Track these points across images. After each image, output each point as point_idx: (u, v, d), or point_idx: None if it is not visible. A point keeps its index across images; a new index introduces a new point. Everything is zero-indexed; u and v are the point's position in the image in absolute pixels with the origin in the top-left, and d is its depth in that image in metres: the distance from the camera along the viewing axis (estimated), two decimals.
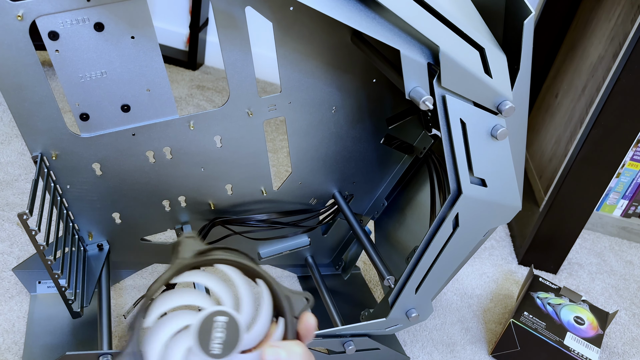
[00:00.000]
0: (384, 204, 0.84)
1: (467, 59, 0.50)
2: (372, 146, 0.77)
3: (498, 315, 0.92)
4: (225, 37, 0.59)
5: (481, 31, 0.53)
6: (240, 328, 0.31)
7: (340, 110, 0.71)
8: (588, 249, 1.14)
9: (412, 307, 0.68)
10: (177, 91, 1.40)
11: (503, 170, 0.57)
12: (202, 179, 0.70)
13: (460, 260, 0.64)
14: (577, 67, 1.15)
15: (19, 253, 0.83)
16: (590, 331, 0.81)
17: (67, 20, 0.54)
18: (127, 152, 0.65)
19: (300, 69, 0.65)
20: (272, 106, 0.67)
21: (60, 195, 0.65)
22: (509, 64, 0.54)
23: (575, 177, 0.96)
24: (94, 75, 0.58)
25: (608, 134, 0.90)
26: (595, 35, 1.09)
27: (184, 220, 0.74)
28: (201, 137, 0.67)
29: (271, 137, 1.26)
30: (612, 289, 1.04)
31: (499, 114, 0.53)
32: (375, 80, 0.70)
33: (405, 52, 0.49)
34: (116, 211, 0.70)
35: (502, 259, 1.06)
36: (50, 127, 0.60)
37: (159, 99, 0.62)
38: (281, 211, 0.78)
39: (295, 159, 0.74)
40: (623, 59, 0.86)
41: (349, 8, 0.48)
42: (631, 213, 1.18)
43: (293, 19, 0.61)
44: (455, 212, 0.58)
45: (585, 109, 1.05)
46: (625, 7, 0.98)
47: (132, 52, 0.58)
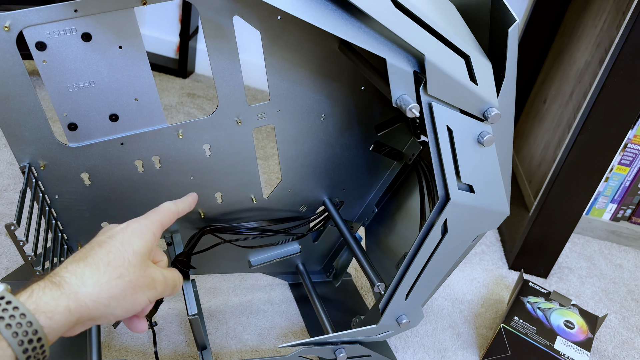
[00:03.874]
0: (374, 210, 0.84)
1: (452, 67, 0.51)
2: (362, 153, 0.77)
3: (489, 320, 0.93)
4: (213, 46, 0.60)
5: (466, 39, 0.54)
6: None
7: (329, 117, 0.72)
8: (578, 253, 1.15)
9: (402, 313, 0.68)
10: (168, 99, 1.40)
11: (490, 176, 0.58)
12: (191, 188, 0.70)
13: (449, 266, 0.65)
14: (564, 73, 1.17)
15: (7, 264, 0.83)
16: (580, 335, 0.82)
17: (55, 31, 0.54)
18: (115, 161, 0.65)
19: (288, 78, 0.66)
20: (261, 114, 0.67)
21: (49, 205, 0.65)
22: (495, 71, 0.55)
23: (563, 181, 0.97)
24: (81, 85, 0.58)
25: (595, 139, 0.91)
26: (582, 42, 1.11)
27: (174, 229, 0.74)
28: (190, 146, 0.67)
29: (262, 145, 1.26)
30: (602, 293, 1.05)
31: (485, 121, 0.54)
32: (364, 88, 0.71)
33: (391, 60, 0.50)
34: (105, 220, 0.70)
35: (493, 264, 1.07)
36: (38, 137, 0.60)
37: (147, 108, 0.62)
38: (271, 219, 0.78)
39: (284, 166, 0.74)
40: (608, 64, 0.87)
41: (335, 17, 0.48)
42: (620, 217, 1.19)
43: (281, 28, 0.61)
44: (444, 218, 0.58)
45: (573, 114, 1.06)
46: (610, 14, 1.00)
47: (120, 61, 0.58)
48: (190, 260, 0.69)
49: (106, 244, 0.45)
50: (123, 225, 0.48)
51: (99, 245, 0.45)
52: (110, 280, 0.42)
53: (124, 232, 0.47)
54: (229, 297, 0.87)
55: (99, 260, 0.43)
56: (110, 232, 0.47)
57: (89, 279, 0.41)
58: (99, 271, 0.42)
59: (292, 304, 0.88)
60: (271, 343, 0.81)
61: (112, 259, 0.44)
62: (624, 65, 0.84)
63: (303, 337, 0.83)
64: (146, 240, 0.47)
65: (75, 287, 0.40)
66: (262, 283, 0.90)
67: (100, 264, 0.43)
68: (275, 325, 0.84)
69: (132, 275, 0.44)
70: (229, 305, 0.85)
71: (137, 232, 0.47)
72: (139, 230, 0.48)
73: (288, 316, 0.86)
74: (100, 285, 0.42)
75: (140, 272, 0.45)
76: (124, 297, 0.44)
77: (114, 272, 0.43)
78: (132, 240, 0.46)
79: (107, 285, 0.42)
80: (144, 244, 0.47)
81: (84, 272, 0.42)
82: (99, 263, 0.43)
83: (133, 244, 0.46)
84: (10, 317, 0.36)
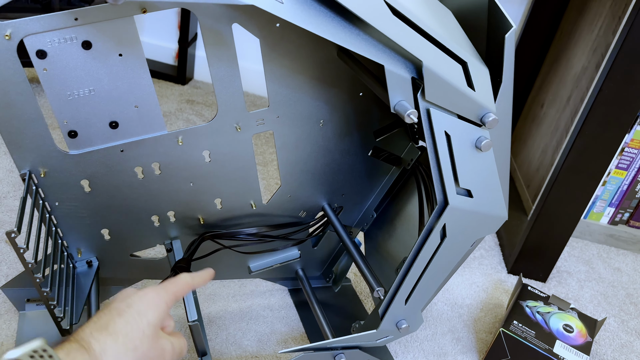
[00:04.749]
0: (374, 215, 0.84)
1: (450, 73, 0.51)
2: (361, 158, 0.78)
3: (488, 324, 0.93)
4: (213, 53, 0.60)
5: (464, 46, 0.54)
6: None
7: (328, 123, 0.72)
8: (576, 257, 1.16)
9: (402, 318, 0.68)
10: (167, 106, 1.41)
11: (488, 180, 0.58)
12: (191, 194, 0.71)
13: (448, 271, 0.65)
14: (561, 78, 1.17)
15: (7, 271, 0.83)
16: (579, 339, 0.82)
17: (55, 39, 0.55)
18: (115, 168, 0.65)
19: (287, 84, 0.66)
20: (260, 120, 0.68)
21: (49, 213, 0.65)
22: (492, 77, 0.55)
23: (561, 186, 0.97)
24: (82, 92, 0.59)
25: (592, 143, 0.92)
26: (579, 47, 1.12)
27: (174, 235, 0.74)
28: (190, 152, 0.67)
29: (261, 151, 1.26)
30: (600, 297, 1.05)
31: (483, 126, 0.54)
32: (362, 94, 0.71)
33: (389, 67, 0.50)
34: (105, 227, 0.70)
35: (492, 269, 1.07)
36: (39, 144, 0.60)
37: (147, 115, 0.63)
38: (271, 224, 0.78)
39: (284, 172, 0.74)
40: (605, 69, 0.87)
41: (334, 25, 0.49)
42: (618, 220, 1.20)
43: (280, 35, 0.61)
44: (443, 222, 0.58)
45: (570, 118, 1.07)
46: (606, 19, 1.01)
47: (120, 69, 0.59)
48: (190, 266, 0.69)
49: (125, 314, 0.49)
50: (141, 293, 0.52)
51: (119, 314, 0.48)
52: (127, 352, 0.47)
53: (141, 302, 0.50)
54: (229, 303, 0.87)
55: (118, 330, 0.47)
56: (129, 300, 0.50)
57: (109, 349, 0.46)
58: (117, 342, 0.46)
59: (292, 310, 0.88)
60: (271, 349, 0.81)
61: (129, 330, 0.48)
62: (621, 69, 0.85)
63: (303, 342, 0.83)
64: (160, 312, 0.51)
65: (99, 355, 0.45)
66: (261, 289, 0.91)
67: (119, 335, 0.47)
68: (275, 331, 0.84)
69: (145, 346, 0.48)
70: (229, 311, 0.85)
71: (152, 303, 0.51)
72: (154, 302, 0.51)
73: (288, 322, 0.86)
74: (118, 355, 0.46)
75: (152, 344, 0.49)
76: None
77: (130, 344, 0.47)
78: (148, 311, 0.50)
79: (124, 356, 0.46)
80: (158, 315, 0.50)
81: (106, 341, 0.46)
82: (118, 334, 0.47)
83: (148, 315, 0.50)
84: None
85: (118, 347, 0.46)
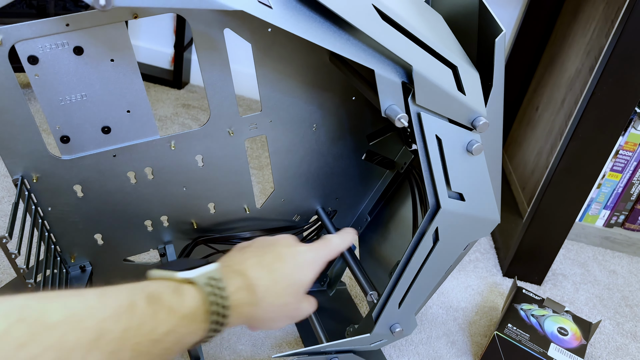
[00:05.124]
0: (367, 219, 0.84)
1: (440, 77, 0.51)
2: (354, 162, 0.78)
3: (483, 327, 0.93)
4: (205, 58, 0.60)
5: (454, 50, 0.54)
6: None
7: (321, 127, 0.72)
8: (572, 260, 1.16)
9: (396, 321, 0.68)
10: (163, 110, 1.41)
11: (480, 184, 0.58)
12: (184, 199, 0.71)
13: (441, 274, 0.65)
14: (556, 81, 1.18)
15: (1, 277, 0.83)
16: (574, 342, 0.82)
17: (47, 45, 0.55)
18: (108, 173, 0.65)
19: (280, 89, 0.66)
20: (253, 125, 0.68)
21: (42, 218, 0.65)
22: (483, 81, 0.55)
23: (556, 188, 0.97)
24: (74, 98, 0.59)
25: (587, 146, 0.92)
26: (573, 50, 1.12)
27: (167, 239, 0.74)
28: (183, 157, 0.67)
29: (256, 155, 1.27)
30: (596, 299, 1.05)
31: (474, 130, 0.55)
32: (355, 98, 0.71)
33: (379, 71, 0.50)
34: (98, 232, 0.70)
35: (487, 271, 1.07)
36: (31, 149, 0.60)
37: (139, 120, 0.63)
38: (265, 229, 0.78)
39: (277, 176, 0.74)
40: (598, 72, 0.88)
41: (323, 30, 0.49)
42: (613, 223, 1.20)
43: (271, 40, 0.62)
44: (435, 226, 0.58)
45: (565, 121, 1.07)
46: (599, 22, 1.01)
47: (111, 74, 0.59)
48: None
49: (287, 262, 0.50)
50: (303, 249, 0.52)
51: (281, 259, 0.49)
52: (278, 297, 0.48)
53: (303, 258, 0.51)
54: None
55: (279, 277, 0.48)
56: (293, 249, 0.51)
57: (269, 290, 0.47)
58: (276, 286, 0.48)
59: None
60: (265, 353, 0.81)
61: (289, 283, 0.49)
62: (614, 72, 0.85)
63: (297, 347, 0.83)
64: (314, 274, 0.52)
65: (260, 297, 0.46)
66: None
67: (278, 279, 0.48)
68: (269, 335, 0.84)
69: (292, 299, 0.50)
70: None
71: (311, 263, 0.52)
72: (313, 263, 0.52)
73: None
74: (274, 300, 0.48)
75: (297, 300, 0.50)
76: (282, 307, 0.49)
77: (283, 292, 0.48)
78: (306, 270, 0.51)
79: (276, 299, 0.48)
80: (312, 277, 0.51)
81: (267, 285, 0.47)
82: (277, 279, 0.48)
83: (305, 273, 0.51)
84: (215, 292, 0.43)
85: (276, 289, 0.47)
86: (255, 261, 0.48)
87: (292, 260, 0.50)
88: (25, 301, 0.33)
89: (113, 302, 0.37)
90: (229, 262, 0.48)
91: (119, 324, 0.36)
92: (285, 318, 0.51)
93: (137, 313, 0.37)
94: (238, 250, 0.51)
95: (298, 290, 0.50)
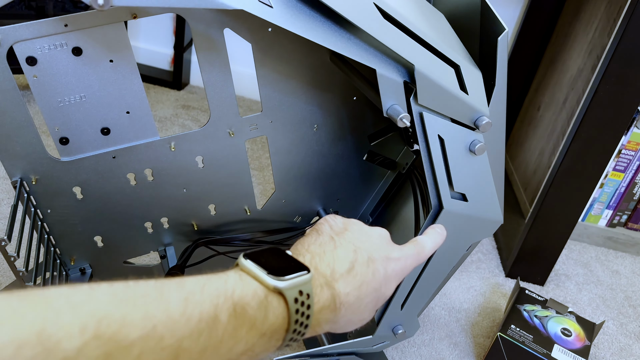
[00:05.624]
0: (369, 220, 0.84)
1: (442, 77, 0.51)
2: (355, 163, 0.77)
3: (486, 329, 0.92)
4: (205, 58, 0.60)
5: (456, 49, 0.54)
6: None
7: (322, 128, 0.72)
8: (574, 260, 1.15)
9: (398, 323, 0.67)
10: (163, 111, 1.40)
11: (483, 184, 0.58)
12: (184, 200, 0.70)
13: (444, 275, 0.64)
14: (557, 80, 1.17)
15: (0, 279, 0.82)
16: (577, 342, 0.81)
17: (45, 46, 0.54)
18: (107, 175, 0.64)
19: (280, 89, 0.66)
20: (254, 126, 0.67)
21: (41, 220, 0.65)
22: (486, 81, 0.55)
23: (558, 188, 0.97)
24: (72, 99, 0.58)
25: (589, 145, 0.92)
26: (575, 49, 1.11)
27: (167, 241, 0.74)
28: (183, 158, 0.67)
29: (257, 156, 1.26)
30: (599, 300, 1.05)
31: (477, 130, 0.54)
32: (356, 98, 0.71)
33: (381, 71, 0.50)
34: (98, 234, 0.70)
35: (490, 272, 1.06)
36: (30, 151, 0.60)
37: (139, 121, 0.62)
38: (265, 230, 0.77)
39: (278, 177, 0.74)
40: (600, 71, 0.87)
41: (325, 29, 0.48)
42: (616, 223, 1.19)
43: (272, 40, 0.61)
44: None
45: (567, 121, 1.06)
46: (601, 21, 1.00)
47: (111, 75, 0.58)
48: (183, 273, 0.68)
49: (376, 276, 0.44)
50: (397, 254, 0.47)
51: (371, 271, 0.44)
52: (359, 301, 0.43)
53: (395, 264, 0.46)
54: None
55: (364, 294, 0.43)
56: (385, 253, 0.46)
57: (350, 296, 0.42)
58: (357, 304, 0.43)
59: None
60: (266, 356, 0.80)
61: (372, 300, 0.44)
62: (616, 71, 0.85)
63: (299, 349, 0.82)
64: (398, 282, 0.48)
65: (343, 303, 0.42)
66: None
67: (364, 296, 0.43)
68: None
69: (370, 315, 0.45)
70: None
71: (400, 274, 0.47)
72: (402, 273, 0.47)
73: None
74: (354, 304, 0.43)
75: (374, 313, 0.46)
76: (355, 323, 0.45)
77: (366, 307, 0.44)
78: (393, 282, 0.46)
79: (358, 304, 0.43)
80: (395, 286, 0.47)
81: (350, 292, 0.42)
82: (363, 296, 0.43)
83: (390, 288, 0.46)
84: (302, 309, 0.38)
85: (359, 305, 0.43)
86: (346, 268, 0.42)
87: (382, 271, 0.45)
88: (107, 307, 0.30)
89: (197, 314, 0.33)
90: (320, 262, 0.43)
91: (198, 343, 0.32)
92: (351, 328, 0.46)
93: (219, 330, 0.33)
94: (330, 239, 0.45)
95: (378, 304, 0.46)
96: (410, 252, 0.49)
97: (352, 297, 0.42)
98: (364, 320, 0.45)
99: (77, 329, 0.28)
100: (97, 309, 0.29)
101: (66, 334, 0.27)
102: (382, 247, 0.46)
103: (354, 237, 0.46)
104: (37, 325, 0.27)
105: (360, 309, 0.43)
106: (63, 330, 0.27)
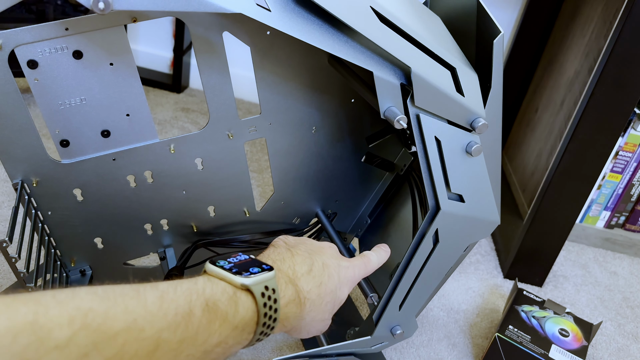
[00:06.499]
0: (367, 221, 0.84)
1: (438, 79, 0.51)
2: (354, 165, 0.78)
3: (484, 329, 0.93)
4: (204, 61, 0.60)
5: (452, 51, 0.55)
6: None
7: (321, 130, 0.72)
8: (572, 261, 1.15)
9: (396, 324, 0.68)
10: (162, 114, 1.41)
11: (479, 185, 0.58)
12: (184, 202, 0.71)
13: (442, 276, 0.65)
14: (555, 82, 1.18)
15: (1, 281, 0.83)
16: (575, 343, 0.82)
17: (46, 49, 0.55)
18: (108, 177, 0.65)
19: (279, 91, 0.66)
20: (253, 128, 0.68)
21: (42, 222, 0.65)
22: (482, 83, 0.55)
23: (556, 189, 0.97)
24: (73, 102, 0.59)
25: (586, 147, 0.92)
26: (572, 51, 1.12)
27: (167, 243, 0.74)
28: (182, 160, 0.67)
29: (256, 158, 1.27)
30: (597, 300, 1.05)
31: (473, 131, 0.55)
32: (354, 100, 0.71)
33: (378, 73, 0.50)
34: (98, 236, 0.70)
35: (488, 273, 1.07)
36: (31, 154, 0.60)
37: (138, 123, 0.63)
38: (264, 231, 0.78)
39: (277, 179, 0.74)
40: (597, 73, 0.88)
41: (322, 32, 0.49)
42: (614, 224, 1.20)
43: (270, 42, 0.62)
44: (435, 228, 0.58)
45: (564, 122, 1.07)
46: (598, 23, 1.01)
47: (111, 78, 0.59)
48: (183, 274, 0.69)
49: (332, 279, 0.51)
50: (346, 264, 0.54)
51: (327, 274, 0.50)
52: (319, 307, 0.49)
53: (345, 274, 0.53)
54: None
55: (324, 293, 0.49)
56: (335, 262, 0.52)
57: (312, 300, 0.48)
58: (320, 297, 0.49)
59: None
60: (265, 356, 0.80)
61: (330, 300, 0.50)
62: (612, 73, 0.85)
63: (298, 350, 0.83)
64: (349, 290, 0.54)
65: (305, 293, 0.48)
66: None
67: (322, 294, 0.49)
68: (269, 338, 0.83)
69: (329, 316, 0.51)
70: None
71: (350, 281, 0.54)
72: (352, 280, 0.54)
73: None
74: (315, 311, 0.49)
75: (332, 315, 0.52)
76: (319, 322, 0.50)
77: (321, 302, 0.49)
78: (344, 287, 0.52)
79: (318, 311, 0.49)
80: (347, 293, 0.53)
81: (311, 290, 0.48)
82: (323, 295, 0.49)
83: (343, 291, 0.52)
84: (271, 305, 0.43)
85: (320, 304, 0.49)
86: (306, 270, 0.48)
87: (336, 276, 0.51)
88: (90, 304, 0.32)
89: (172, 309, 0.36)
90: (281, 265, 0.48)
91: (176, 334, 0.35)
92: (317, 331, 0.51)
93: (194, 323, 0.37)
94: (286, 249, 0.51)
95: (335, 307, 0.51)
96: (357, 262, 0.55)
97: (313, 294, 0.47)
98: (325, 322, 0.50)
99: (66, 320, 0.30)
100: (81, 305, 0.32)
101: (56, 325, 0.30)
102: (334, 256, 0.53)
103: (308, 248, 0.52)
104: (30, 317, 0.29)
105: (321, 308, 0.48)
106: (53, 321, 0.30)
